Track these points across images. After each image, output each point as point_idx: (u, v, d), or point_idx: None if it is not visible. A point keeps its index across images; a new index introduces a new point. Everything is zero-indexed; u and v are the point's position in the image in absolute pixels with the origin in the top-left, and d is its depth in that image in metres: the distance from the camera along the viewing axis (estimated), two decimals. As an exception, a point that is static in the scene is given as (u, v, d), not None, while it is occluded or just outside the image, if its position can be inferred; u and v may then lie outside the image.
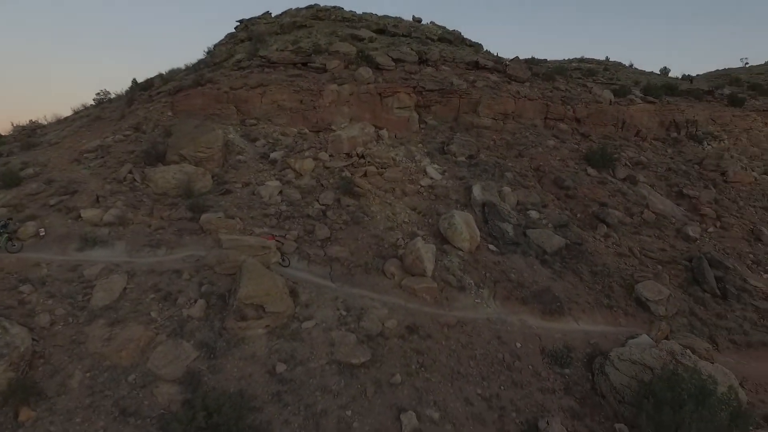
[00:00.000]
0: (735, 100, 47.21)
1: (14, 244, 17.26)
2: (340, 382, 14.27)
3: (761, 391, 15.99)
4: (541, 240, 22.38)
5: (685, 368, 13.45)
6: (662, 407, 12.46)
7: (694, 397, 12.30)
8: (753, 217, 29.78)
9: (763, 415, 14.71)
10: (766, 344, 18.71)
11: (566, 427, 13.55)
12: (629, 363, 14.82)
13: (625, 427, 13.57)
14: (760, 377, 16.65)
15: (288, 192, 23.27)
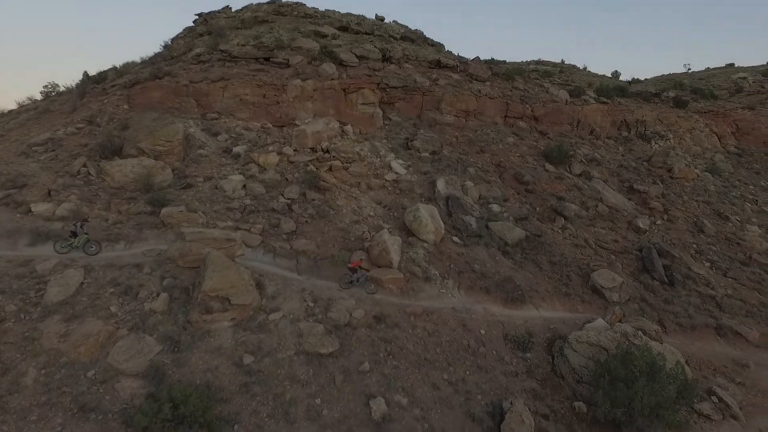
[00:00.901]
0: (679, 102, 50.16)
1: (92, 246, 17.11)
2: (308, 372, 14.28)
3: (704, 368, 17.15)
4: (503, 232, 23.08)
5: (637, 347, 14.27)
6: (617, 383, 13.19)
7: (645, 372, 13.08)
8: (696, 210, 31.76)
9: (705, 389, 15.79)
10: (708, 326, 20.05)
11: (529, 407, 14.09)
12: (586, 345, 15.56)
13: (583, 405, 14.26)
14: (702, 356, 17.86)
15: (252, 186, 22.97)
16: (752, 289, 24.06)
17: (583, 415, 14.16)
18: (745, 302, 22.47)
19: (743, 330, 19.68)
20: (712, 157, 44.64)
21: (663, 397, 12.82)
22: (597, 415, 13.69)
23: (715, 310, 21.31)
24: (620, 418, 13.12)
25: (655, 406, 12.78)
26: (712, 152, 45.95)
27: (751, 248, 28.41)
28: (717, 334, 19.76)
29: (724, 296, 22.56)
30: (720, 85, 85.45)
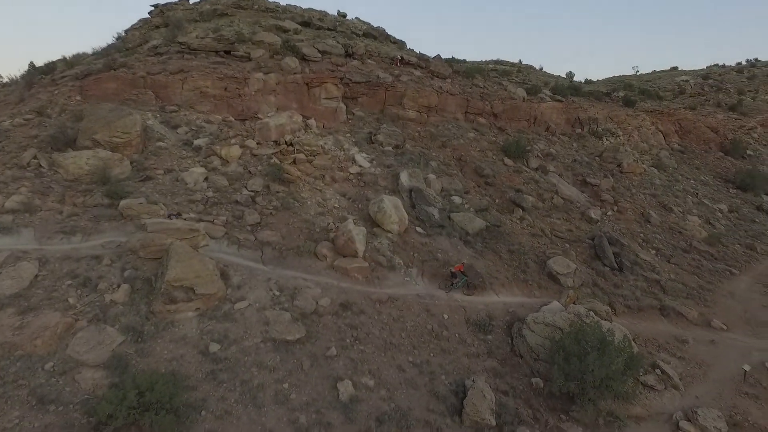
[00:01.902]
0: (628, 101, 52.92)
1: None
2: (276, 358, 14.40)
3: (649, 345, 18.40)
4: (464, 223, 23.82)
5: (589, 325, 15.21)
6: (570, 359, 14.04)
7: (596, 347, 13.99)
8: (643, 202, 33.74)
9: (650, 363, 16.97)
10: (653, 307, 21.47)
11: (490, 384, 14.74)
12: (543, 325, 16.42)
13: (540, 381, 15.08)
14: (648, 334, 19.15)
15: (214, 179, 22.72)
16: (692, 274, 25.88)
17: (540, 390, 14.97)
18: (686, 285, 24.15)
19: (684, 310, 21.19)
20: (657, 154, 47.32)
21: (612, 370, 13.76)
22: (553, 390, 14.52)
23: (660, 293, 22.81)
24: (574, 390, 13.98)
25: (604, 377, 13.71)
26: (657, 149, 48.70)
27: (691, 237, 30.48)
28: (661, 315, 21.19)
29: (668, 280, 24.16)
30: (665, 86, 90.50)
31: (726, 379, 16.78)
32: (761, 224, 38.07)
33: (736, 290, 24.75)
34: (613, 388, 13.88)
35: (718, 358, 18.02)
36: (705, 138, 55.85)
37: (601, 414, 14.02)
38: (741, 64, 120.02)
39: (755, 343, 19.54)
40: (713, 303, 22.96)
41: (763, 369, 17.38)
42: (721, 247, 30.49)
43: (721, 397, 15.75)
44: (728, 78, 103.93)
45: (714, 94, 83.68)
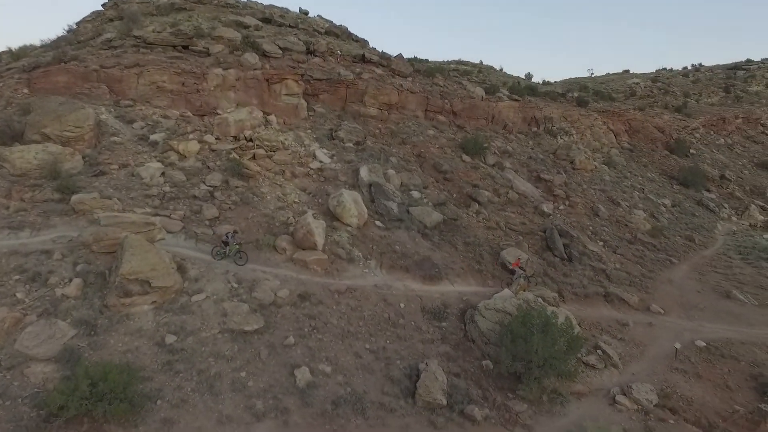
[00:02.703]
0: (581, 101, 55.29)
1: (241, 257, 18.22)
2: (233, 348, 14.59)
3: (593, 328, 19.58)
4: (422, 216, 24.52)
5: (535, 309, 16.12)
6: (517, 340, 14.87)
7: (540, 329, 14.87)
8: (593, 197, 35.50)
9: (593, 344, 18.11)
10: (599, 294, 22.79)
11: (442, 367, 15.40)
12: (494, 311, 17.24)
13: (490, 363, 15.88)
14: (592, 318, 20.37)
15: (171, 174, 22.49)
16: (636, 263, 27.53)
17: (489, 371, 15.76)
18: (629, 274, 25.70)
19: (626, 296, 22.61)
20: (608, 152, 49.71)
21: (555, 350, 14.68)
22: (501, 370, 15.33)
23: (605, 281, 24.20)
24: (520, 370, 14.83)
25: (548, 357, 14.60)
26: (608, 147, 51.14)
27: (636, 229, 32.35)
28: (605, 301, 22.51)
29: (613, 269, 25.63)
30: (617, 88, 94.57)
31: (660, 357, 18.12)
32: (700, 218, 40.80)
33: (675, 278, 26.55)
34: (556, 367, 14.81)
35: (655, 338, 19.40)
36: (652, 137, 58.98)
37: (545, 391, 14.92)
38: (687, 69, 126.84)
39: (688, 324, 21.11)
40: (653, 289, 24.55)
41: (693, 347, 18.86)
42: (663, 239, 32.51)
43: (654, 373, 17.00)
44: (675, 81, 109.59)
45: (662, 97, 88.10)
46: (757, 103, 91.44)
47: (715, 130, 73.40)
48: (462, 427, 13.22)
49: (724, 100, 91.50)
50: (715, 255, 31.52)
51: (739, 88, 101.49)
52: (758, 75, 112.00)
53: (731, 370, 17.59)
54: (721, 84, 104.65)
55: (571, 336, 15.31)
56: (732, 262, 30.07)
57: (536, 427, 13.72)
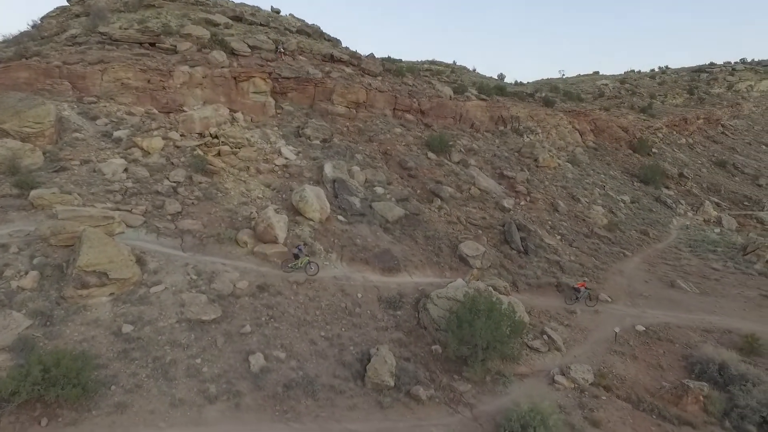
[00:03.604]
0: (548, 101, 56.90)
1: (312, 267, 19.55)
2: (190, 337, 15.03)
3: (541, 316, 20.62)
4: (384, 211, 25.27)
5: (481, 295, 17.01)
6: (463, 325, 15.71)
7: (485, 313, 15.75)
8: (554, 193, 36.84)
9: (539, 330, 19.14)
10: (551, 284, 23.91)
11: (394, 352, 16.13)
12: (445, 299, 18.07)
13: (439, 347, 16.72)
14: (542, 307, 21.41)
15: (134, 170, 22.71)
16: (590, 256, 28.84)
17: (438, 355, 16.58)
18: (582, 265, 26.94)
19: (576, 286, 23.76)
20: (573, 150, 51.35)
21: (498, 333, 15.58)
22: (449, 354, 16.16)
23: (558, 272, 25.35)
24: (466, 353, 15.66)
25: (492, 340, 15.49)
26: (573, 146, 52.80)
27: (593, 224, 33.77)
28: (557, 290, 23.62)
29: (568, 261, 26.83)
30: (587, 89, 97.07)
31: (601, 341, 19.24)
32: (657, 213, 42.63)
33: (626, 269, 27.92)
34: (500, 350, 15.72)
35: (599, 324, 20.54)
36: (617, 137, 61.06)
37: (490, 373, 15.81)
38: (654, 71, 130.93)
39: (632, 311, 22.37)
40: (604, 280, 25.82)
41: (633, 331, 20.06)
42: (619, 233, 34.01)
43: (594, 355, 18.09)
44: (642, 83, 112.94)
45: (629, 97, 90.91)
46: (718, 105, 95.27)
47: (677, 130, 76.18)
48: (407, 407, 13.98)
49: (688, 102, 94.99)
50: (666, 248, 33.14)
51: (702, 90, 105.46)
52: (720, 78, 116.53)
53: (666, 352, 18.83)
54: (686, 86, 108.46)
55: (513, 321, 16.23)
56: (681, 254, 31.70)
57: (478, 405, 14.57)
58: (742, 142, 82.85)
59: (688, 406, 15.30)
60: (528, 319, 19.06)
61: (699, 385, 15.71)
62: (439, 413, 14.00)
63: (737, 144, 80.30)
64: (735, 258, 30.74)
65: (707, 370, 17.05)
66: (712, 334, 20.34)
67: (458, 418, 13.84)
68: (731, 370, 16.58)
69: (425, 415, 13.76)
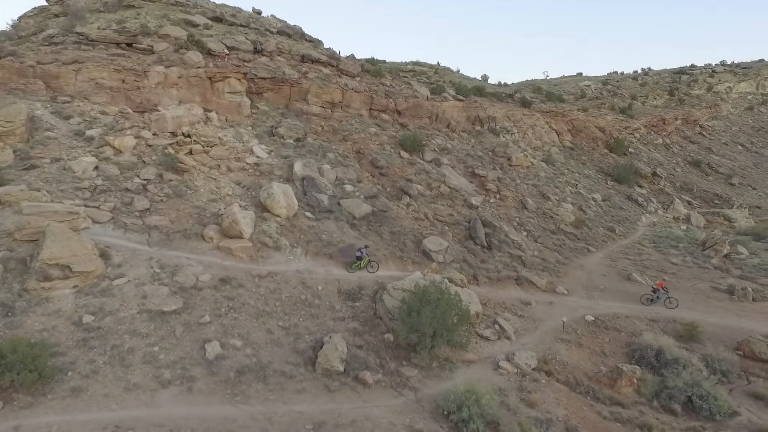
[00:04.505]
0: (525, 102, 58.00)
1: (372, 266, 22.25)
2: (150, 326, 15.67)
3: (497, 307, 21.49)
4: (352, 208, 26.06)
5: (432, 285, 17.84)
6: (411, 313, 16.53)
7: (434, 303, 16.58)
8: (525, 191, 37.83)
9: (492, 320, 20.02)
10: (510, 278, 24.82)
11: (348, 341, 16.90)
12: (401, 291, 18.87)
13: (391, 336, 17.51)
14: (498, 299, 22.30)
15: (105, 168, 23.29)
16: (554, 251, 29.82)
17: (390, 343, 17.35)
18: (544, 260, 27.90)
19: (535, 279, 24.71)
20: (549, 150, 52.45)
21: (445, 321, 16.41)
22: (400, 342, 16.96)
23: (519, 267, 26.26)
24: (414, 340, 16.47)
25: (439, 328, 16.32)
26: (549, 145, 53.92)
27: (561, 221, 34.77)
28: (516, 284, 24.55)
29: (530, 256, 27.77)
30: (569, 90, 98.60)
31: (551, 330, 20.15)
32: (627, 211, 43.82)
33: (587, 263, 28.94)
34: (446, 337, 16.56)
35: (551, 315, 21.45)
36: (594, 137, 62.32)
37: (438, 359, 16.63)
38: (636, 72, 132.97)
39: (586, 303, 23.34)
40: (564, 274, 26.80)
41: (582, 321, 21.00)
42: (586, 230, 35.06)
43: (542, 343, 18.99)
44: (624, 84, 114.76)
45: (610, 98, 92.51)
46: (697, 106, 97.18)
47: (655, 130, 77.74)
48: (354, 390, 14.74)
49: (669, 103, 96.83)
50: (630, 244, 34.25)
51: (682, 92, 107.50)
52: (700, 79, 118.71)
53: (611, 340, 19.80)
54: (667, 87, 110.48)
55: (460, 309, 17.07)
56: (644, 249, 32.81)
57: (423, 388, 15.37)
58: (719, 142, 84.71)
59: (623, 388, 16.25)
60: (480, 309, 19.95)
61: (632, 369, 16.66)
62: (385, 396, 14.78)
63: (714, 144, 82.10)
64: (694, 253, 31.88)
65: (645, 356, 18.02)
66: (658, 323, 21.36)
67: (402, 401, 14.63)
68: (666, 355, 17.55)
69: (370, 397, 14.53)
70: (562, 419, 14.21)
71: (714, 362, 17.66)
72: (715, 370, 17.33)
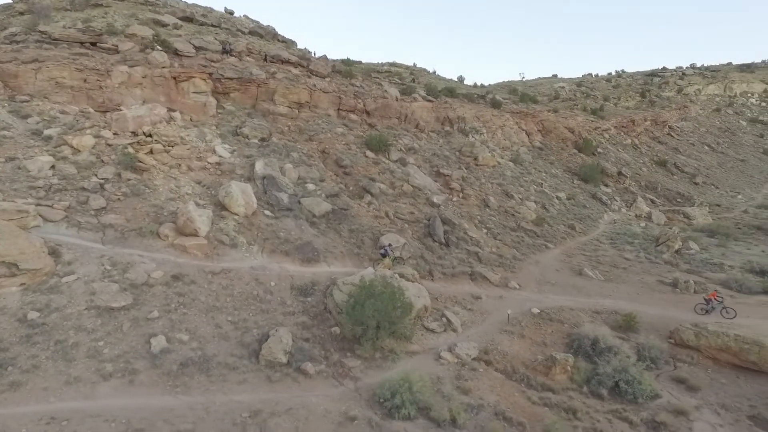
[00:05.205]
0: (495, 102, 59.11)
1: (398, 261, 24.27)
2: (96, 322, 15.94)
3: (448, 301, 22.20)
4: (312, 206, 26.55)
5: (377, 279, 18.45)
6: (356, 306, 17.11)
7: (376, 296, 17.18)
8: (489, 190, 38.74)
9: (440, 314, 20.71)
10: (465, 273, 25.56)
11: (296, 334, 17.43)
12: (350, 285, 19.42)
13: (338, 329, 18.07)
14: (450, 293, 23.02)
15: (62, 167, 23.35)
16: (512, 248, 30.72)
17: (336, 336, 17.90)
18: (501, 256, 28.75)
19: (489, 275, 25.51)
20: (517, 150, 53.62)
21: (388, 314, 17.02)
22: (346, 334, 17.54)
23: (475, 263, 27.06)
24: (359, 333, 17.06)
25: (382, 320, 16.92)
26: (519, 145, 55.12)
27: (522, 219, 35.76)
28: (470, 279, 25.31)
29: (487, 253, 28.60)
30: (544, 91, 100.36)
31: (497, 322, 20.92)
32: (590, 209, 45.12)
33: (543, 259, 29.89)
34: (389, 329, 17.18)
35: (500, 308, 22.22)
36: (563, 137, 63.77)
37: (381, 351, 17.22)
38: (611, 74, 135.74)
39: (535, 296, 24.22)
40: (519, 269, 27.68)
41: (528, 313, 21.85)
42: (546, 227, 36.10)
43: (486, 334, 19.73)
44: (598, 86, 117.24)
45: (583, 100, 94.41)
46: (667, 107, 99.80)
47: (625, 131, 79.68)
48: (295, 381, 15.24)
49: (640, 104, 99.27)
50: (589, 241, 35.39)
51: (654, 93, 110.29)
52: (671, 81, 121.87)
53: (554, 331, 20.64)
54: (639, 89, 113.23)
55: (402, 302, 17.70)
56: (600, 246, 33.95)
57: (363, 378, 15.94)
58: (686, 142, 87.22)
59: (557, 375, 17.06)
60: (429, 303, 20.63)
61: (565, 357, 17.49)
62: (325, 386, 15.31)
63: (681, 145, 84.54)
64: (648, 249, 33.13)
65: (582, 345, 18.89)
66: (600, 315, 22.33)
67: (341, 390, 15.18)
68: (601, 344, 18.44)
69: (310, 387, 15.04)
70: (492, 405, 14.91)
71: (645, 350, 18.64)
72: (645, 357, 18.30)
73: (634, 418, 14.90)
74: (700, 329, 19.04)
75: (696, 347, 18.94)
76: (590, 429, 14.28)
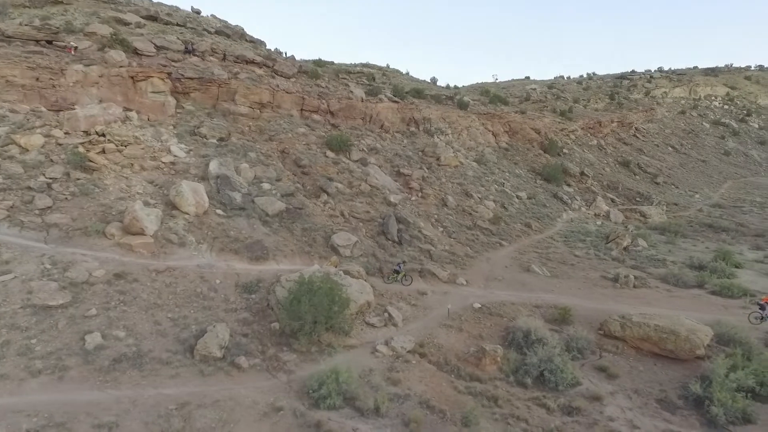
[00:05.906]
0: (461, 104, 60.13)
1: (407, 279, 24.70)
2: (31, 320, 16.04)
3: (393, 297, 22.78)
4: (265, 205, 26.88)
5: (316, 276, 18.93)
6: (294, 301, 17.56)
7: (314, 292, 17.67)
8: (448, 190, 39.56)
9: (383, 309, 21.30)
10: (415, 270, 26.17)
11: (236, 330, 17.82)
12: (293, 282, 19.79)
13: (277, 324, 18.50)
14: (396, 290, 23.60)
15: (8, 166, 23.24)
16: (465, 245, 31.54)
17: (275, 331, 18.32)
18: (453, 254, 29.52)
19: (438, 271, 26.21)
20: (482, 150, 54.68)
21: (325, 309, 17.52)
22: (284, 329, 17.98)
23: (426, 260, 27.76)
24: (296, 327, 17.51)
25: (318, 315, 17.41)
26: (484, 146, 56.18)
27: (479, 217, 36.65)
28: (420, 276, 25.95)
29: (440, 250, 29.34)
30: (516, 93, 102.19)
31: (438, 317, 21.61)
32: (550, 208, 46.35)
33: (495, 257, 30.77)
34: (326, 324, 17.69)
35: (443, 303, 22.90)
36: (529, 138, 65.17)
37: (319, 344, 17.73)
38: (582, 77, 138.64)
39: (480, 292, 25.00)
40: (469, 266, 28.47)
41: (470, 308, 22.61)
42: (503, 225, 37.07)
43: (426, 328, 20.40)
44: (569, 88, 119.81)
45: (553, 101, 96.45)
46: (634, 109, 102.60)
47: (591, 132, 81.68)
48: (228, 374, 15.63)
49: (609, 106, 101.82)
50: (543, 238, 36.48)
51: (622, 96, 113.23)
52: (639, 84, 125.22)
53: (492, 325, 21.43)
54: (608, 91, 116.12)
55: (340, 298, 18.23)
56: (553, 243, 35.05)
57: (297, 371, 16.40)
58: (651, 144, 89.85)
59: (487, 366, 17.81)
60: (373, 299, 21.21)
61: (494, 348, 18.27)
62: (258, 379, 15.74)
63: (646, 146, 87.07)
64: (598, 246, 34.35)
65: (515, 338, 19.71)
66: (540, 309, 23.21)
67: (272, 382, 15.62)
68: (532, 336, 19.27)
69: (242, 380, 15.45)
70: (419, 394, 15.55)
71: (573, 341, 19.55)
72: (573, 347, 19.20)
73: (551, 404, 15.72)
74: (626, 320, 20.05)
75: (622, 338, 19.94)
76: (508, 415, 15.02)
